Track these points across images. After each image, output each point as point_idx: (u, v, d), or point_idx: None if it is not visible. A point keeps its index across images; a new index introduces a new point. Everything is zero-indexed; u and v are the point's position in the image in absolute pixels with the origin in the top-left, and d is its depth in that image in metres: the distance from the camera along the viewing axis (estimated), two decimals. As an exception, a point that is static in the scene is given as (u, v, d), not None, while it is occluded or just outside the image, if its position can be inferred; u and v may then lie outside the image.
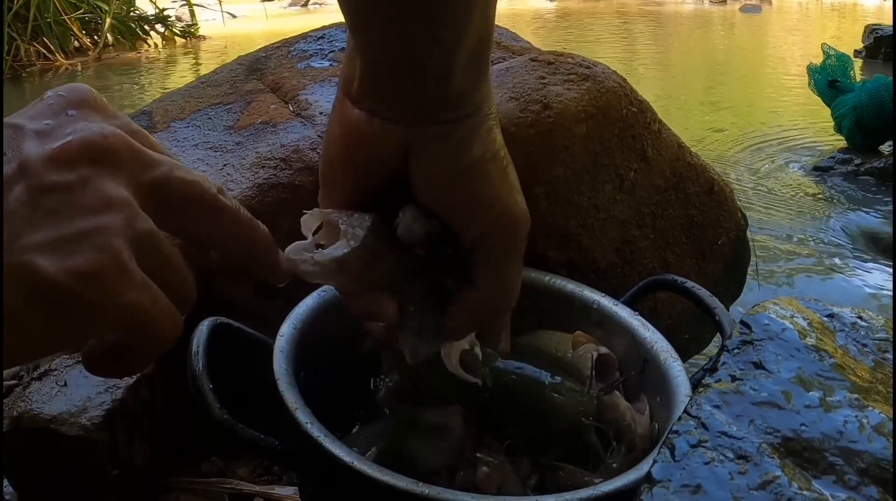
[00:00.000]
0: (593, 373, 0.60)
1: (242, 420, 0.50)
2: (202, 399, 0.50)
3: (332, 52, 0.88)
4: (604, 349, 0.63)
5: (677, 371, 0.58)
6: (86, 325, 0.37)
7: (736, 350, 0.46)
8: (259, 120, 0.78)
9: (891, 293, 1.18)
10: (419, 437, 0.54)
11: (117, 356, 0.39)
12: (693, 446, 0.40)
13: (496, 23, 0.47)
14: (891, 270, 1.26)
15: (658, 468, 0.39)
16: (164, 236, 0.38)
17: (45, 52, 3.14)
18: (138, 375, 0.67)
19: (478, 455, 0.54)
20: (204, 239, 0.41)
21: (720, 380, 0.44)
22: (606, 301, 0.67)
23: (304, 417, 0.50)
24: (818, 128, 2.06)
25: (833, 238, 1.42)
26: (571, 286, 0.68)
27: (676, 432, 0.41)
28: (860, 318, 0.51)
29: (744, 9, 5.55)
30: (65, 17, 3.27)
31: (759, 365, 0.45)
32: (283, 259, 0.43)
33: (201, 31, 3.93)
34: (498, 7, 0.45)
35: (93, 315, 0.37)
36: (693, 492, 0.38)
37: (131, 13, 3.75)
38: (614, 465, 0.55)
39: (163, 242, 0.38)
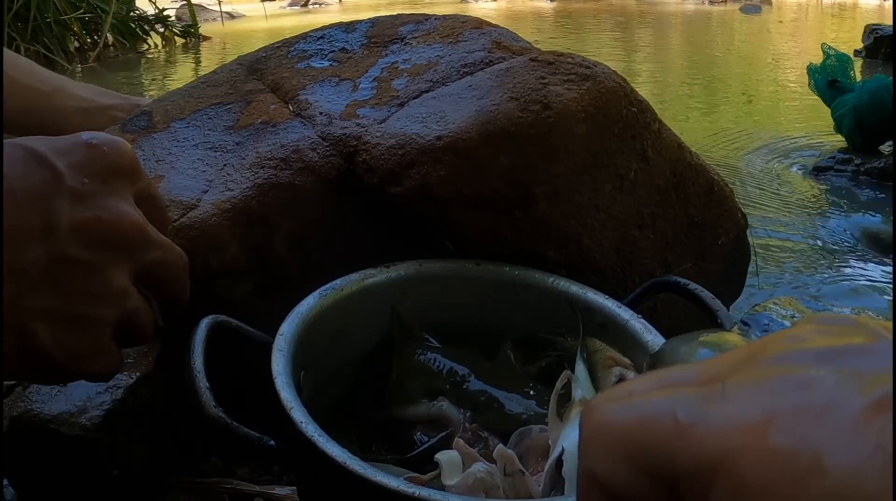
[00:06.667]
0: None
1: (240, 419, 0.50)
2: (197, 397, 0.50)
3: (332, 52, 0.88)
4: (631, 375, 0.60)
5: None
6: (56, 377, 0.49)
7: (736, 350, 0.46)
8: (259, 120, 0.78)
9: (890, 293, 1.18)
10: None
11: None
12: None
13: (496, 23, 0.47)
14: (890, 269, 1.26)
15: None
16: (144, 305, 0.51)
17: (44, 52, 3.14)
18: (139, 374, 0.67)
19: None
20: (160, 298, 0.53)
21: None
22: (610, 303, 0.67)
23: (299, 415, 0.50)
24: (818, 128, 2.06)
25: (833, 238, 1.42)
26: (575, 288, 0.68)
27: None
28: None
29: (744, 9, 5.55)
30: (65, 18, 3.27)
31: (759, 365, 0.45)
32: None
33: (201, 31, 3.93)
34: (498, 7, 0.45)
35: (65, 374, 0.48)
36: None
37: (131, 13, 3.75)
38: None
39: (140, 314, 0.50)
